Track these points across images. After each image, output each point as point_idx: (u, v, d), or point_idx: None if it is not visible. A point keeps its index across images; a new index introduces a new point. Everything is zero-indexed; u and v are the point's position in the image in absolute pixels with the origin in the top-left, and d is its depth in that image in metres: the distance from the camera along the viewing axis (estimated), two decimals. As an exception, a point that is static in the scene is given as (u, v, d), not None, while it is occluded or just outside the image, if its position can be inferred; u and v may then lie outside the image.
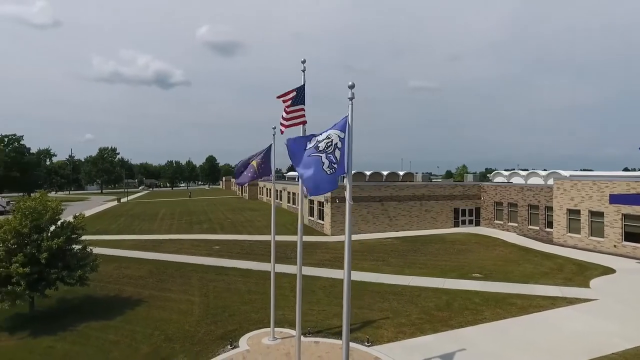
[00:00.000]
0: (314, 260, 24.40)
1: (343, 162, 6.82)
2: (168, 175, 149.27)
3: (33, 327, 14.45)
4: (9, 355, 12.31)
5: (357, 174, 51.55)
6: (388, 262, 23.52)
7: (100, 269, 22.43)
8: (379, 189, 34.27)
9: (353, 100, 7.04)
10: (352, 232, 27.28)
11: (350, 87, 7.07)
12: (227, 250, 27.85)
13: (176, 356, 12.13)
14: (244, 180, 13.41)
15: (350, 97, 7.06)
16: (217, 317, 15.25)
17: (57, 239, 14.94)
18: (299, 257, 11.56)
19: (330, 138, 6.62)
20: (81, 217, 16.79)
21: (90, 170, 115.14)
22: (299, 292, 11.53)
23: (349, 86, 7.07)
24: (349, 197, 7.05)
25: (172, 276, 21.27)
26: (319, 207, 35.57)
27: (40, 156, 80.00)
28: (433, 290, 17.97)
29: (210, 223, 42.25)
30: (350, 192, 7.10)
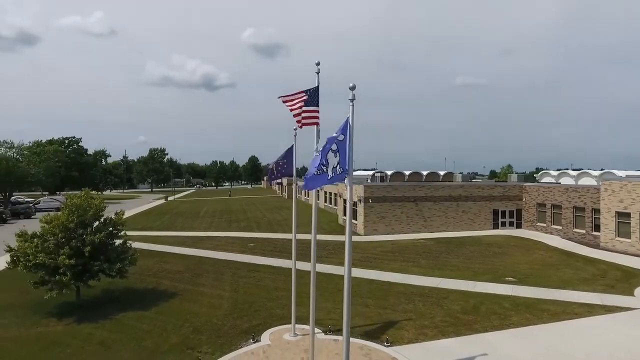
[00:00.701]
0: (343, 259, 24.47)
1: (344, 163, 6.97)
2: (213, 174, 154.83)
3: (78, 314, 15.70)
4: (54, 339, 13.49)
5: (395, 173, 51.10)
6: (418, 264, 23.20)
7: (142, 263, 23.95)
8: (413, 189, 33.77)
9: (354, 102, 7.17)
10: (386, 232, 27.25)
11: (351, 89, 7.22)
12: (261, 248, 28.62)
13: (201, 347, 12.75)
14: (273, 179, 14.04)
15: (351, 99, 7.20)
16: (244, 312, 15.82)
17: (99, 234, 16.14)
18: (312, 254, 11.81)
19: (328, 142, 6.81)
20: (121, 214, 17.99)
21: (141, 170, 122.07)
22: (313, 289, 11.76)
23: (349, 87, 7.22)
24: (349, 197, 7.20)
25: (207, 271, 22.22)
26: (352, 207, 35.58)
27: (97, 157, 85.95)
28: (461, 293, 17.57)
29: (247, 221, 43.50)
30: (351, 191, 7.24)
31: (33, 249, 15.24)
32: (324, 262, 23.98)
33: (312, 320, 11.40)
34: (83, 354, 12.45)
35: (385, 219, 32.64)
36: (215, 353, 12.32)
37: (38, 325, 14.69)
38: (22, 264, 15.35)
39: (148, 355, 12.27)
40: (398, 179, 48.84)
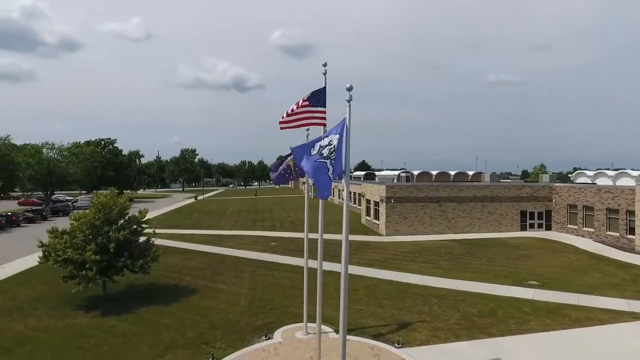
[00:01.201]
0: (362, 259, 24.51)
1: (340, 163, 7.05)
2: (241, 174, 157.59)
3: (104, 307, 16.48)
4: (80, 330, 14.24)
5: (422, 173, 50.32)
6: (438, 265, 22.84)
7: (167, 260, 24.84)
8: (436, 190, 33.21)
9: (351, 102, 7.23)
10: (408, 233, 27.01)
11: (348, 89, 7.28)
12: (282, 247, 28.97)
13: (215, 342, 13.12)
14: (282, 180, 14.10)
15: (348, 100, 7.26)
16: (260, 310, 16.12)
17: (123, 231, 16.88)
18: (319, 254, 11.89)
19: (331, 144, 6.90)
20: (145, 212, 18.73)
21: (173, 169, 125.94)
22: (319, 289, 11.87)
23: (347, 88, 7.28)
24: (346, 197, 7.26)
25: (228, 269, 22.75)
26: (374, 207, 35.43)
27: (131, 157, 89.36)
28: (479, 296, 17.19)
29: (272, 221, 44.08)
30: (347, 191, 7.31)
31: (62, 244, 16.14)
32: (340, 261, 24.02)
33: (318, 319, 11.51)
34: (105, 345, 13.08)
35: (407, 220, 32.27)
36: (227, 348, 12.65)
37: (67, 317, 15.52)
38: (52, 259, 16.28)
39: (164, 349, 12.74)
40: (425, 179, 48.06)
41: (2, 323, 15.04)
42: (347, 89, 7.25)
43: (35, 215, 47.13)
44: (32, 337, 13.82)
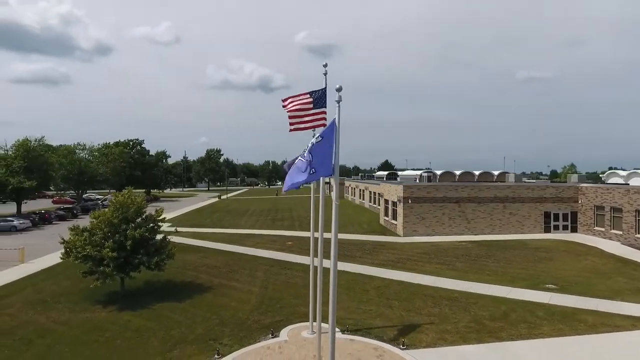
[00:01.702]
0: (377, 260, 24.38)
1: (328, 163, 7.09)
2: (265, 174, 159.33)
3: (121, 303, 17.08)
4: (97, 324, 14.84)
5: (445, 173, 49.43)
6: (454, 267, 22.45)
7: (186, 257, 25.49)
8: (455, 190, 32.59)
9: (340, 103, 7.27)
10: (426, 234, 26.65)
11: (337, 90, 7.32)
12: (298, 246, 29.15)
13: (223, 339, 13.40)
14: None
15: (338, 100, 7.30)
16: (269, 308, 16.32)
17: (139, 230, 17.45)
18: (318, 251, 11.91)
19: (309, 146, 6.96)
20: (161, 212, 19.28)
21: (199, 169, 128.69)
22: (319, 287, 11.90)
23: (336, 89, 7.33)
24: (335, 197, 7.31)
25: (243, 267, 23.12)
26: (392, 208, 35.12)
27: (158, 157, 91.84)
28: (493, 299, 16.81)
29: (291, 220, 44.41)
30: (337, 191, 7.35)
31: (82, 242, 16.86)
32: (357, 261, 24.01)
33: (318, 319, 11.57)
34: (118, 338, 13.58)
35: (425, 220, 31.84)
36: (234, 345, 12.90)
37: (86, 311, 16.20)
38: (73, 255, 17.02)
39: (173, 344, 13.12)
40: (448, 179, 47.12)
41: (27, 315, 15.86)
42: (337, 89, 7.29)
43: (67, 213, 49.23)
44: (52, 329, 14.50)
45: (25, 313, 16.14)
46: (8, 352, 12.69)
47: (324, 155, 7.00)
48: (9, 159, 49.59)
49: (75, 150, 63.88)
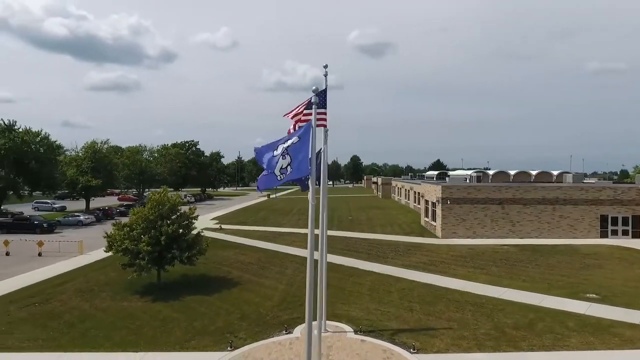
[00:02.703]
0: (408, 261, 23.92)
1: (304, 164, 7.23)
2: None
3: (156, 294, 18.31)
4: (131, 313, 16.04)
5: (499, 173, 47.05)
6: (488, 271, 21.45)
7: (224, 253, 26.69)
8: (498, 190, 30.97)
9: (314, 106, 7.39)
10: (466, 236, 25.85)
11: (313, 92, 7.45)
12: (332, 245, 29.23)
13: (239, 332, 13.96)
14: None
15: (314, 102, 7.42)
16: (289, 305, 16.69)
17: (172, 226, 18.61)
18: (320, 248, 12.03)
19: (286, 143, 7.14)
20: (193, 209, 20.39)
21: (251, 169, 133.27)
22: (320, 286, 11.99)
23: (312, 90, 7.45)
24: (311, 198, 7.45)
25: (274, 265, 23.76)
26: (432, 208, 34.15)
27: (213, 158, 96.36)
28: (522, 307, 15.91)
29: (330, 220, 44.64)
30: (313, 192, 7.48)
31: (121, 236, 18.31)
32: (387, 262, 23.75)
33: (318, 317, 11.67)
34: (146, 327, 14.63)
35: (465, 222, 30.62)
36: (247, 339, 13.40)
37: (124, 301, 17.58)
38: (114, 248, 18.55)
39: (193, 334, 13.90)
40: (501, 179, 44.69)
41: (74, 302, 17.54)
42: (313, 90, 7.41)
43: (127, 209, 53.30)
44: (93, 315, 15.94)
45: (74, 299, 17.84)
46: (52, 334, 14.15)
47: (302, 156, 7.15)
48: (79, 159, 54.73)
49: (138, 152, 69.02)
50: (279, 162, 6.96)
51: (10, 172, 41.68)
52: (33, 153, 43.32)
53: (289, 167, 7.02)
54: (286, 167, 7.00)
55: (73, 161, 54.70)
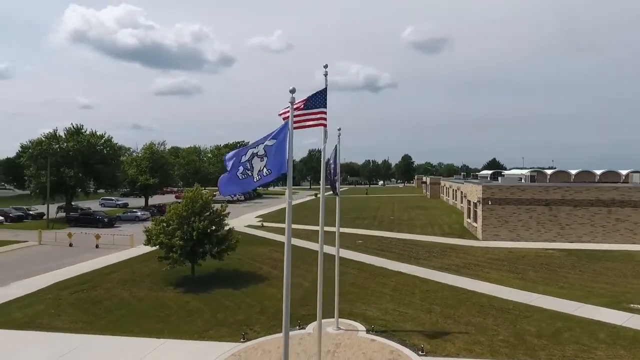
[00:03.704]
0: (440, 263, 23.26)
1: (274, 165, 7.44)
2: (365, 173, 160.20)
3: (188, 286, 19.43)
4: (163, 302, 17.20)
5: (558, 173, 44.03)
6: (524, 276, 20.28)
7: (258, 250, 27.63)
8: (545, 191, 29.00)
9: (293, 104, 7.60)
10: (509, 239, 24.84)
11: (290, 92, 7.66)
12: (366, 245, 29.23)
13: (255, 326, 14.50)
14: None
15: (291, 102, 7.64)
16: (308, 302, 16.96)
17: (203, 222, 19.65)
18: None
19: (258, 147, 7.37)
20: (224, 207, 21.35)
21: (301, 169, 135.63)
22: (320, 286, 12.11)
23: (290, 90, 7.66)
24: (288, 196, 7.66)
25: (303, 262, 24.15)
26: (473, 209, 32.77)
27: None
28: (552, 314, 14.95)
29: (372, 219, 44.33)
30: (290, 190, 7.69)
31: (157, 231, 19.66)
32: (418, 264, 23.28)
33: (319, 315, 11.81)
34: (173, 316, 15.65)
35: (508, 224, 29.05)
36: (261, 332, 13.91)
37: (159, 291, 18.87)
38: (152, 242, 19.96)
39: (212, 325, 14.66)
40: (561, 179, 41.75)
41: (116, 290, 19.12)
42: (290, 91, 7.61)
43: (180, 206, 56.69)
44: (129, 303, 17.31)
45: (116, 288, 19.45)
46: (91, 318, 15.59)
47: (279, 156, 7.37)
48: (138, 160, 59.08)
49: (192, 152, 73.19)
50: (255, 165, 7.22)
51: (79, 172, 45.97)
52: (98, 154, 47.52)
53: (265, 169, 7.27)
54: (262, 169, 7.26)
55: (134, 161, 59.16)
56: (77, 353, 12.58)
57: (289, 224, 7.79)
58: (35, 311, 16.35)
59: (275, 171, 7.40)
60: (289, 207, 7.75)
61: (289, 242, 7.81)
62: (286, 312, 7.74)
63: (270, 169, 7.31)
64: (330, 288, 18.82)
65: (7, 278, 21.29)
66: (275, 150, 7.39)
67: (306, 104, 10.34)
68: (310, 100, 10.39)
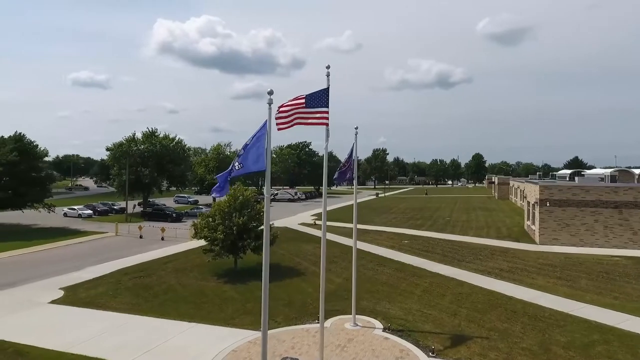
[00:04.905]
0: (483, 267, 22.22)
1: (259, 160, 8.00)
2: (432, 173, 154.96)
3: (229, 277, 20.79)
4: (202, 291, 18.61)
5: (621, 172, 39.55)
6: (574, 284, 18.68)
7: (303, 247, 28.52)
8: (614, 192, 26.11)
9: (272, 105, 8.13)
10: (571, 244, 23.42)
11: (269, 93, 8.17)
12: (411, 245, 28.72)
13: (278, 317, 15.20)
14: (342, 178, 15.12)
15: (269, 103, 8.16)
16: (336, 297, 17.36)
17: (243, 218, 20.90)
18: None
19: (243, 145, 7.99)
20: (262, 205, 22.40)
21: (365, 168, 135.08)
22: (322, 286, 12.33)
23: (267, 92, 8.18)
24: (266, 192, 8.19)
25: (343, 260, 24.52)
26: (532, 211, 30.53)
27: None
28: (591, 325, 13.74)
29: (425, 220, 43.17)
30: (268, 186, 8.20)
31: (202, 225, 21.29)
32: (460, 266, 22.50)
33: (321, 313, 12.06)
34: (208, 303, 16.94)
35: (570, 228, 26.66)
36: (282, 323, 14.59)
37: (203, 280, 20.45)
38: (198, 235, 21.67)
39: (240, 313, 15.66)
40: (625, 179, 37.38)
41: (167, 278, 21.04)
42: (268, 92, 8.11)
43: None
44: (174, 289, 19.04)
45: (168, 276, 21.41)
46: (139, 301, 17.36)
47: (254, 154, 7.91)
48: (207, 160, 63.48)
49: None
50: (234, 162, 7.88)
51: (154, 171, 50.72)
52: (169, 155, 52.01)
53: (237, 164, 7.87)
54: (236, 163, 7.87)
55: (203, 161, 63.69)
56: (121, 329, 14.27)
57: (267, 222, 8.29)
58: (97, 292, 18.66)
59: (246, 167, 7.95)
60: (266, 201, 8.25)
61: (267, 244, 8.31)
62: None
63: (242, 164, 7.89)
64: (363, 285, 19.05)
65: (83, 264, 24.41)
66: (250, 148, 7.96)
67: (307, 102, 10.75)
68: (311, 99, 10.77)
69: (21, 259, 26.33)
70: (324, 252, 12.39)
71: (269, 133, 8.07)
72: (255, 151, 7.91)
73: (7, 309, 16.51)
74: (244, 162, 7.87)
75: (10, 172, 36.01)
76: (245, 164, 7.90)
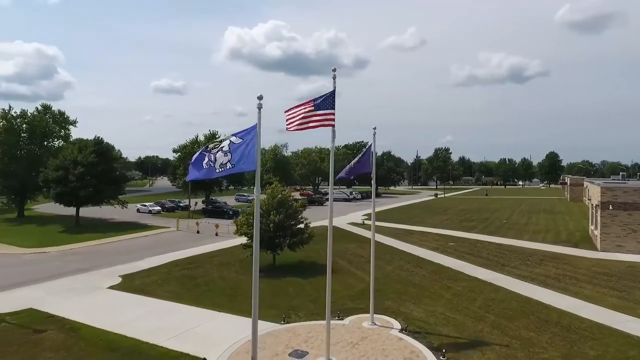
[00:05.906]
0: (528, 272, 20.98)
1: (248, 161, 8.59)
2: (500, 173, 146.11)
3: (267, 272, 21.66)
4: (237, 284, 19.68)
5: None
6: (628, 295, 17.04)
7: (346, 245, 28.89)
8: (692, 195, 23.05)
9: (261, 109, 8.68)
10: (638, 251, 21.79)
11: (258, 98, 8.71)
12: (455, 248, 27.78)
13: (300, 312, 15.74)
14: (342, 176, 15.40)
15: (259, 107, 8.70)
16: (362, 297, 17.46)
17: (279, 216, 21.78)
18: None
19: (222, 142, 8.62)
20: (301, 204, 23.16)
21: (427, 168, 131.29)
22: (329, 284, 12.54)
23: (257, 97, 8.72)
24: (256, 191, 8.75)
25: (380, 260, 24.29)
26: (595, 214, 27.90)
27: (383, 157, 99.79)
28: (631, 340, 12.62)
29: (479, 222, 41.21)
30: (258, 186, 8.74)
31: (242, 222, 22.53)
32: (502, 271, 21.53)
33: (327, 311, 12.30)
34: (240, 295, 17.94)
35: (637, 234, 24.02)
36: (302, 318, 15.14)
37: (241, 274, 21.63)
38: (238, 231, 22.97)
39: (267, 307, 16.31)
40: None
41: (211, 270, 22.55)
42: (258, 97, 8.64)
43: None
44: (215, 281, 20.43)
45: (212, 269, 22.96)
46: (182, 290, 18.88)
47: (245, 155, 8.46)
48: (264, 160, 66.17)
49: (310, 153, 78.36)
50: (218, 159, 8.49)
51: (214, 171, 54.02)
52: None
53: (229, 164, 8.47)
54: (226, 163, 8.47)
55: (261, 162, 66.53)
56: (160, 314, 15.73)
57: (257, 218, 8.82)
58: (150, 281, 20.58)
59: (238, 167, 8.55)
60: (257, 199, 8.80)
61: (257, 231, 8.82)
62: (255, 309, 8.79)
63: (234, 164, 8.49)
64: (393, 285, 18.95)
65: (144, 255, 26.92)
66: (242, 150, 8.55)
67: (316, 105, 11.15)
68: (320, 102, 11.16)
69: (96, 249, 29.72)
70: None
71: (259, 135, 8.62)
72: (244, 153, 8.49)
73: (74, 291, 18.90)
74: (236, 163, 8.48)
75: (91, 172, 40.51)
76: (236, 166, 8.51)
